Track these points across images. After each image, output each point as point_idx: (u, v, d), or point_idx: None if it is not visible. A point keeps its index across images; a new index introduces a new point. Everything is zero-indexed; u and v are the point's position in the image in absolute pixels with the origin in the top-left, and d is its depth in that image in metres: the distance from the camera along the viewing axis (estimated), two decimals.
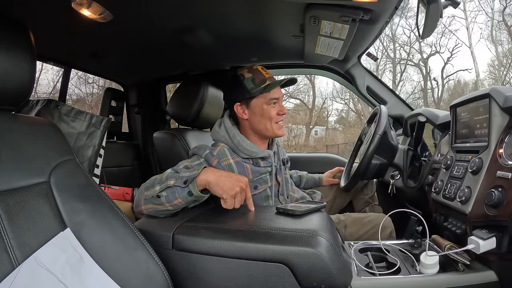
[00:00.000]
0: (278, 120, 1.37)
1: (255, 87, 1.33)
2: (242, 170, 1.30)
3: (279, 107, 1.37)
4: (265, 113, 1.35)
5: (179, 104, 1.85)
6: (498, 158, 0.96)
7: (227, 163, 1.28)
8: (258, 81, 1.33)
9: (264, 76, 1.35)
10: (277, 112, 1.36)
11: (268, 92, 1.33)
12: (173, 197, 0.99)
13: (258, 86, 1.33)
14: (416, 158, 1.59)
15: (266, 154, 1.35)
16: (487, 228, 0.92)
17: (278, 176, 1.43)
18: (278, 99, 1.37)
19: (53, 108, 1.44)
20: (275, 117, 1.36)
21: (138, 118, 2.51)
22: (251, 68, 1.37)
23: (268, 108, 1.35)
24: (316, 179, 1.90)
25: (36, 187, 0.78)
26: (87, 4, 1.21)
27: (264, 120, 1.36)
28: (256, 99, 1.35)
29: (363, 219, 1.45)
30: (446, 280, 0.95)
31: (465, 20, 16.41)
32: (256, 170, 1.33)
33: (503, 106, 1.00)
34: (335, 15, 1.20)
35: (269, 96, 1.34)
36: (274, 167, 1.38)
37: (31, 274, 0.68)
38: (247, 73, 1.35)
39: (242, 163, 1.31)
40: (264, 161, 1.37)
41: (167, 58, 1.96)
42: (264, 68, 1.39)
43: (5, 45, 0.77)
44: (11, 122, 0.83)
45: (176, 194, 0.99)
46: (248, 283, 0.83)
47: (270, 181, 1.37)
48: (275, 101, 1.36)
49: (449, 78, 17.43)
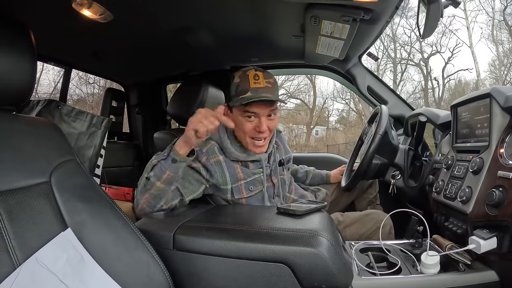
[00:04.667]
0: (254, 136, 1.28)
1: (235, 96, 1.27)
2: (232, 168, 1.29)
3: (257, 123, 1.26)
4: (239, 125, 1.27)
5: (179, 104, 1.85)
6: (499, 158, 0.96)
7: (216, 160, 1.27)
8: (240, 90, 1.25)
9: (249, 86, 1.24)
10: (253, 128, 1.27)
11: (245, 105, 1.23)
12: (161, 172, 1.07)
13: (237, 96, 1.26)
14: (417, 158, 1.58)
15: (257, 158, 1.33)
16: (488, 228, 0.92)
17: (274, 177, 1.41)
18: (257, 114, 1.25)
19: (53, 108, 1.44)
20: (250, 132, 1.27)
21: (139, 118, 2.52)
22: (244, 73, 1.27)
23: (243, 121, 1.26)
24: (324, 175, 1.87)
25: (37, 187, 0.78)
26: (88, 5, 1.21)
27: (239, 131, 1.30)
28: (235, 107, 1.28)
29: (363, 218, 1.44)
30: (447, 280, 0.95)
31: (465, 19, 16.43)
32: (245, 171, 1.32)
33: (504, 106, 1.00)
34: (335, 15, 1.19)
35: (245, 108, 1.24)
36: (266, 169, 1.36)
37: (32, 274, 0.68)
38: (237, 78, 1.28)
39: (232, 162, 1.30)
40: (254, 163, 1.34)
41: (168, 58, 1.96)
42: (258, 75, 1.26)
43: (6, 46, 0.77)
44: (12, 122, 0.83)
45: (162, 168, 1.07)
46: (249, 283, 0.83)
47: (264, 182, 1.35)
48: (252, 115, 1.25)
49: (449, 77, 17.45)
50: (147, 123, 2.51)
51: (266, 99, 1.22)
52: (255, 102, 1.22)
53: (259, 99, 1.21)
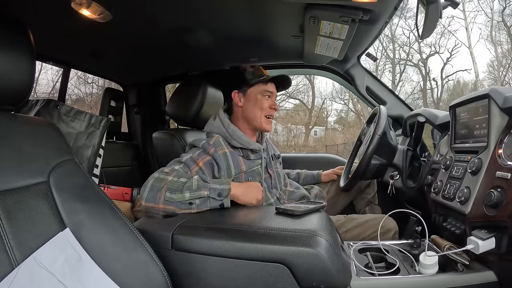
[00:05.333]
0: (268, 114, 1.45)
1: (252, 79, 1.44)
2: (236, 160, 1.35)
3: (272, 101, 1.46)
4: (258, 103, 1.43)
5: (178, 104, 1.85)
6: (497, 159, 0.96)
7: (223, 152, 1.33)
8: (257, 74, 1.45)
9: (263, 73, 1.46)
10: (269, 105, 1.44)
11: (265, 85, 1.44)
12: (204, 206, 1.09)
13: (255, 78, 1.44)
14: (415, 158, 1.59)
15: (257, 148, 1.42)
16: (486, 228, 0.92)
17: (270, 169, 1.49)
18: (273, 93, 1.47)
19: (52, 108, 1.44)
20: (266, 109, 1.44)
21: (138, 118, 2.51)
22: (253, 66, 1.48)
23: (262, 99, 1.44)
24: (315, 174, 1.93)
25: (36, 187, 0.78)
26: (87, 4, 1.21)
27: (256, 109, 1.44)
28: (253, 88, 1.44)
29: (366, 223, 1.45)
30: (445, 280, 0.95)
31: (464, 20, 16.47)
32: (246, 162, 1.38)
33: (502, 107, 1.00)
34: (334, 15, 1.20)
35: (265, 88, 1.44)
36: (264, 160, 1.43)
37: (30, 274, 0.67)
38: (249, 68, 1.47)
39: (236, 154, 1.36)
40: (254, 154, 1.42)
41: (167, 58, 1.96)
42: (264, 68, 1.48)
43: (4, 45, 0.77)
44: (10, 122, 0.83)
45: (208, 203, 1.09)
46: (248, 283, 0.83)
47: (262, 174, 1.41)
48: (270, 94, 1.45)
49: (448, 78, 17.53)
50: (146, 123, 2.51)
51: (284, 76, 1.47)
52: (273, 80, 1.46)
53: (278, 76, 1.46)
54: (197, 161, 1.27)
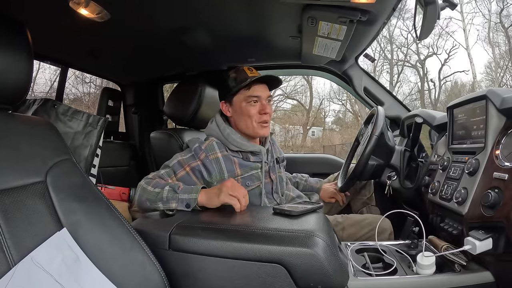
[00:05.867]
0: (260, 120, 1.37)
1: (235, 86, 1.36)
2: (230, 164, 1.32)
3: (260, 106, 1.37)
4: (244, 111, 1.36)
5: (176, 104, 1.84)
6: (494, 160, 0.96)
7: (214, 157, 1.31)
8: (239, 79, 1.36)
9: (247, 76, 1.35)
10: (258, 111, 1.36)
11: (248, 90, 1.35)
12: (168, 204, 1.14)
13: (237, 84, 1.35)
14: (413, 159, 1.59)
15: (257, 149, 1.38)
16: (484, 229, 0.92)
17: (272, 174, 1.45)
18: (260, 97, 1.36)
19: (50, 107, 1.44)
20: (256, 116, 1.36)
21: (135, 118, 2.51)
22: (238, 69, 1.39)
23: (247, 106, 1.36)
24: (314, 187, 1.82)
25: (33, 187, 0.77)
26: (85, 4, 1.21)
27: (244, 118, 1.37)
28: (236, 96, 1.37)
29: (362, 222, 1.45)
30: (443, 281, 0.95)
31: (462, 21, 16.52)
32: (245, 164, 1.35)
33: (499, 108, 1.00)
34: (332, 16, 1.20)
35: (248, 93, 1.35)
36: (265, 164, 1.39)
37: (27, 274, 0.67)
38: (232, 73, 1.39)
39: (230, 157, 1.34)
40: (255, 156, 1.39)
41: (165, 58, 1.96)
42: (251, 68, 1.39)
43: (2, 44, 0.77)
44: (7, 121, 0.83)
45: (171, 202, 1.13)
46: (245, 284, 0.83)
47: (262, 178, 1.37)
48: (255, 99, 1.36)
49: (446, 79, 17.56)
50: (144, 122, 2.50)
51: (266, 76, 1.36)
52: (256, 84, 1.35)
53: (260, 76, 1.35)
54: (185, 166, 1.29)
